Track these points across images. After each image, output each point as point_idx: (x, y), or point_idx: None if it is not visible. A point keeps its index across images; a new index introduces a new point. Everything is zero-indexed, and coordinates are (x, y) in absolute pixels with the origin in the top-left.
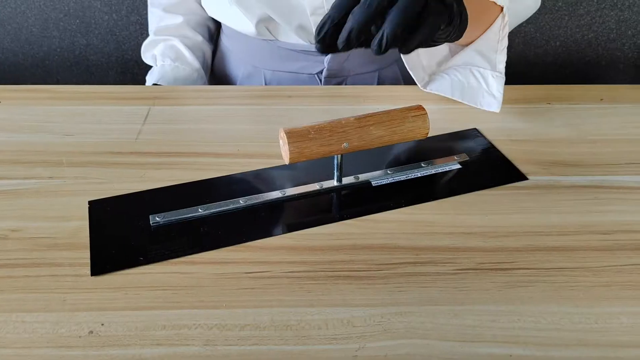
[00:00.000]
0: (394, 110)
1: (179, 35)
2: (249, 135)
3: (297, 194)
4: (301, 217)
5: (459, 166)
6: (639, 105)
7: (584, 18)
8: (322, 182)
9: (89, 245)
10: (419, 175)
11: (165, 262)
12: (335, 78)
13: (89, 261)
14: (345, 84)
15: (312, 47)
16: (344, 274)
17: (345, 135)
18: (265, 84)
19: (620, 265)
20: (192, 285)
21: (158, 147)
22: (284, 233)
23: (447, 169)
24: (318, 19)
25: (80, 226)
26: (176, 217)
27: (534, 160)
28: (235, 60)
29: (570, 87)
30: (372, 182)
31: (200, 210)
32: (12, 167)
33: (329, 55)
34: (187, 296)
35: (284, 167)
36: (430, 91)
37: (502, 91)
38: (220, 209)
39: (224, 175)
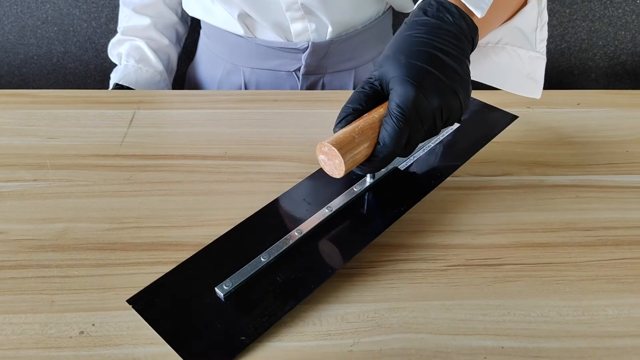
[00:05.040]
0: None
1: (145, 37)
2: (235, 138)
3: (342, 204)
4: (365, 227)
5: (457, 124)
6: (614, 109)
7: (557, 29)
8: (353, 187)
9: (76, 246)
10: (432, 145)
11: (155, 264)
12: (313, 75)
13: (76, 262)
14: (323, 81)
15: (289, 45)
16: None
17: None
18: (244, 82)
19: (603, 260)
20: None
21: (144, 149)
22: (361, 248)
23: (450, 131)
24: (293, 14)
25: (66, 228)
26: (244, 277)
27: (517, 161)
28: (215, 59)
29: (549, 92)
30: (399, 166)
31: (262, 259)
32: None
33: (307, 52)
34: None
35: (299, 183)
36: None
37: (543, 75)
38: (281, 250)
39: (242, 219)
